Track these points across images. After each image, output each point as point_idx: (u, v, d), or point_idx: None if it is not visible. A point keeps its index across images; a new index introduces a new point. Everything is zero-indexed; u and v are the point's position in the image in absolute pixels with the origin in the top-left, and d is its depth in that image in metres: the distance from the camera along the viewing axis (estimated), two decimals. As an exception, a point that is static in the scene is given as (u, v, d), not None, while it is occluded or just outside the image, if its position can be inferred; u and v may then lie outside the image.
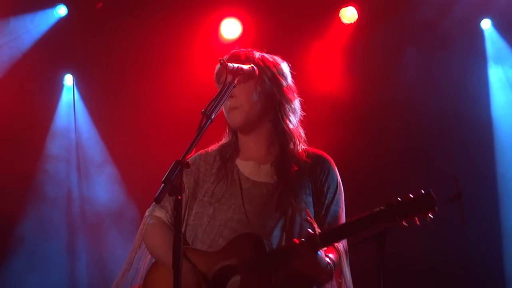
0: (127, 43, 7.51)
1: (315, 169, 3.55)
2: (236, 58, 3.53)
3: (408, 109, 7.24)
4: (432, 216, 2.99)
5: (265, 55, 3.64)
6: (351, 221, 3.17)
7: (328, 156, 3.63)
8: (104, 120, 7.85)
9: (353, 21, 7.47)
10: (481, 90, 7.40)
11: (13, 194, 7.43)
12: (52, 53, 7.57)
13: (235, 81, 3.28)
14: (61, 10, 7.56)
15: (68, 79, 7.83)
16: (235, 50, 3.63)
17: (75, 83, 7.83)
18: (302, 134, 3.67)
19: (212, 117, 3.07)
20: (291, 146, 3.57)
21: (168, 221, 3.65)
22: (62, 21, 7.58)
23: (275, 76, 3.58)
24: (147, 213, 3.74)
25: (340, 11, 7.46)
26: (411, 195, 3.08)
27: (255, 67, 3.47)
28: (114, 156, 7.81)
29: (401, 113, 7.30)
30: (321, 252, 3.23)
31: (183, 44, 7.50)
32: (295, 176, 3.49)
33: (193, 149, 2.96)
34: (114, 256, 7.50)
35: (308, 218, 3.41)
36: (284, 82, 3.62)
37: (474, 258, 7.05)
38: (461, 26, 7.28)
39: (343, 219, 3.55)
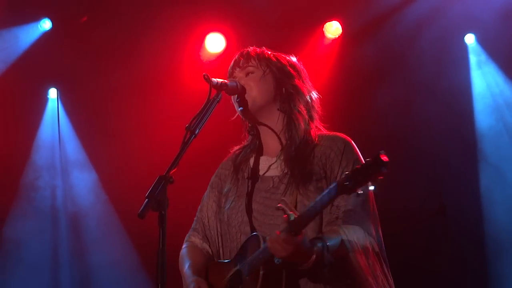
0: (112, 57, 7.51)
1: (328, 151, 3.41)
2: (246, 57, 3.55)
3: (391, 124, 7.26)
4: (382, 177, 2.81)
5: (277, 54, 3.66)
6: (314, 202, 2.94)
7: (343, 135, 3.51)
8: (87, 133, 7.86)
9: (337, 36, 7.52)
10: (465, 102, 7.47)
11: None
12: (37, 66, 7.56)
13: (219, 97, 3.27)
14: (46, 24, 7.56)
15: (53, 93, 7.83)
16: (245, 49, 3.62)
17: (59, 97, 7.84)
18: (316, 125, 3.56)
19: (196, 132, 3.07)
20: (301, 134, 3.47)
21: (202, 244, 3.60)
22: (46, 35, 7.58)
23: (285, 68, 3.57)
24: (185, 238, 3.70)
25: (325, 25, 7.51)
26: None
27: (238, 83, 3.46)
28: (97, 168, 7.84)
29: (384, 129, 7.31)
30: (299, 238, 2.96)
31: (168, 58, 7.51)
32: (302, 164, 3.38)
33: (177, 164, 2.97)
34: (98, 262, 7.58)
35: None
36: (296, 74, 3.59)
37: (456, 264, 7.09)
38: (444, 41, 7.34)
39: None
